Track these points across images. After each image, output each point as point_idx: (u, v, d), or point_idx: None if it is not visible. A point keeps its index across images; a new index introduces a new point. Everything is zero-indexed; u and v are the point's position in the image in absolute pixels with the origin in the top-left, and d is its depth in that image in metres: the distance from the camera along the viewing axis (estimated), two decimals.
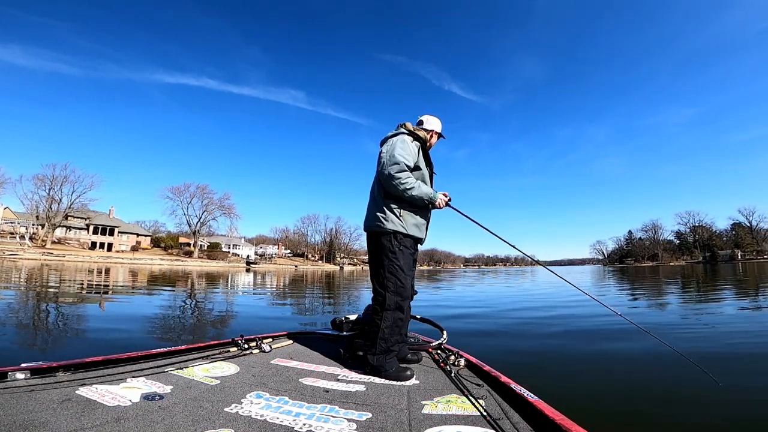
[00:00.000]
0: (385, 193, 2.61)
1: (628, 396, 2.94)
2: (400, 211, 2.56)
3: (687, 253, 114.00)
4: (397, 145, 2.58)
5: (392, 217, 2.54)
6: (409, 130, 2.76)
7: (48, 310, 7.07)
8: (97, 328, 5.36)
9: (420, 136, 2.75)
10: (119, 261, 53.84)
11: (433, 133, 2.92)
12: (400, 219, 2.55)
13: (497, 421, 1.60)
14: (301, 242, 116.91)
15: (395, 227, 2.53)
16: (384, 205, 2.58)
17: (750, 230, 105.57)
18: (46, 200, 63.83)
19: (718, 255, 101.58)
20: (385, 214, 2.55)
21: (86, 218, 72.08)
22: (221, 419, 1.56)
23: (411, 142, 2.66)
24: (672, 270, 38.71)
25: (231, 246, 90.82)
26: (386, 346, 2.37)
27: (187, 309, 8.28)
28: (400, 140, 2.62)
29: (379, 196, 2.64)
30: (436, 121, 2.97)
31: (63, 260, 46.86)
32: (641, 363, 3.79)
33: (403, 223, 2.55)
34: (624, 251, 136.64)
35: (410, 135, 2.71)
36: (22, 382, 1.85)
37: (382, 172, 2.55)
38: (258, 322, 6.83)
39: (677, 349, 2.54)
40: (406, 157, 2.54)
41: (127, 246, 74.98)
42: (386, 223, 2.54)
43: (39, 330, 5.12)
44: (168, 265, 53.51)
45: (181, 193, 77.69)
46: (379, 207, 2.61)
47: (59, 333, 4.94)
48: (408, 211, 2.59)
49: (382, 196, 2.62)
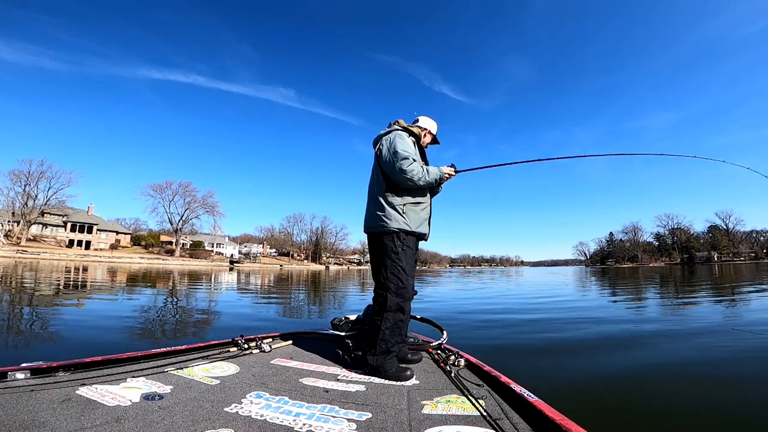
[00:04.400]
0: (386, 190, 2.59)
1: (628, 396, 2.95)
2: (403, 208, 2.53)
3: (666, 255, 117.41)
4: (397, 141, 2.58)
5: (395, 215, 2.52)
6: (402, 126, 2.76)
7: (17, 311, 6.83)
8: (61, 332, 5.01)
9: (414, 132, 2.76)
10: (97, 259, 52.39)
11: (426, 132, 2.91)
12: (404, 216, 2.52)
13: (497, 421, 1.62)
14: (287, 241, 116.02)
15: (399, 225, 2.50)
16: (386, 203, 2.56)
17: (726, 233, 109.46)
18: (22, 197, 61.86)
19: (695, 257, 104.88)
20: (387, 213, 2.53)
21: (64, 215, 69.94)
22: (221, 419, 1.56)
23: (407, 138, 2.67)
24: (651, 271, 39.74)
25: (214, 245, 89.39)
26: (386, 347, 2.37)
27: (163, 310, 8.10)
28: (398, 136, 2.63)
29: (380, 195, 2.61)
30: (431, 122, 2.98)
31: (38, 258, 45.43)
32: (641, 363, 3.82)
33: (407, 220, 2.53)
34: (605, 252, 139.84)
35: (404, 131, 2.72)
36: (22, 382, 1.85)
37: (392, 169, 2.52)
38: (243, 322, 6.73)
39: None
40: (410, 151, 2.56)
41: (106, 244, 73.06)
42: (390, 222, 2.51)
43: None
44: (147, 263, 52.32)
45: (163, 190, 76.21)
46: (380, 206, 2.57)
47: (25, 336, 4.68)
48: (412, 207, 2.58)
49: (384, 194, 2.59)
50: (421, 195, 2.65)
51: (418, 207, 2.61)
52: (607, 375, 3.50)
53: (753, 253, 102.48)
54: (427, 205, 2.71)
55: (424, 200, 2.67)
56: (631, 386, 3.17)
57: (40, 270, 21.76)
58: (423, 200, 2.66)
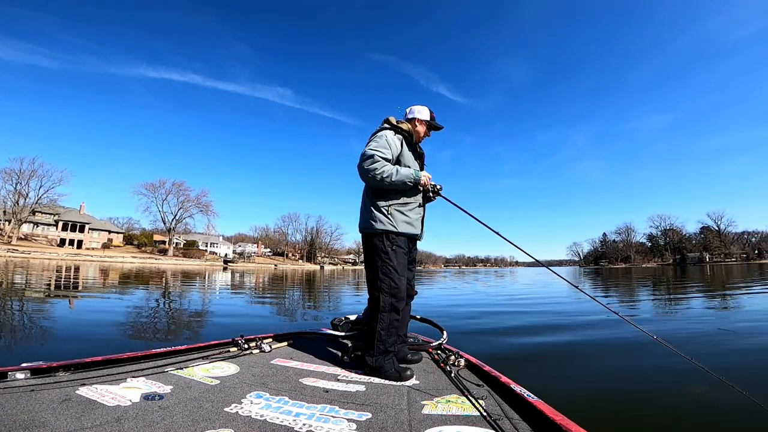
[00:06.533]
0: (371, 193, 2.58)
1: (628, 397, 2.97)
2: (388, 209, 2.52)
3: (658, 256, 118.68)
4: (372, 141, 2.57)
5: (381, 217, 2.50)
6: (391, 123, 2.71)
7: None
8: (58, 332, 4.94)
9: (403, 129, 2.69)
10: (88, 258, 51.88)
11: (417, 121, 2.80)
12: (389, 217, 2.50)
13: (497, 421, 1.62)
14: (282, 241, 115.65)
15: (385, 227, 2.49)
16: (371, 205, 2.55)
17: (718, 234, 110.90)
18: (13, 195, 61.08)
19: (687, 257, 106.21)
20: (373, 215, 2.52)
21: (55, 214, 69.15)
22: (221, 419, 1.55)
23: (392, 136, 2.59)
24: (644, 271, 40.07)
25: (208, 244, 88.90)
26: (384, 347, 2.36)
27: (156, 310, 8.05)
28: (377, 136, 2.60)
29: (367, 196, 2.61)
30: (421, 109, 2.83)
31: (28, 257, 44.87)
32: (641, 364, 3.85)
33: (392, 221, 2.50)
34: (599, 253, 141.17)
35: (392, 129, 2.66)
36: (22, 382, 1.84)
37: (358, 169, 2.52)
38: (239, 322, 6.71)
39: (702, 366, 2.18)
40: (380, 150, 2.49)
41: (98, 243, 72.26)
42: (376, 223, 2.50)
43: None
44: (140, 263, 51.87)
45: (156, 189, 75.82)
46: (367, 208, 2.58)
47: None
48: (397, 208, 2.55)
49: (369, 196, 2.59)
50: (408, 196, 2.61)
51: (405, 208, 2.58)
52: (607, 375, 3.53)
53: (744, 254, 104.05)
54: (417, 206, 2.66)
55: (412, 201, 2.63)
56: (631, 386, 3.19)
57: (30, 269, 21.51)
58: (411, 201, 2.62)
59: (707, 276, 23.49)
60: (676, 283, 17.74)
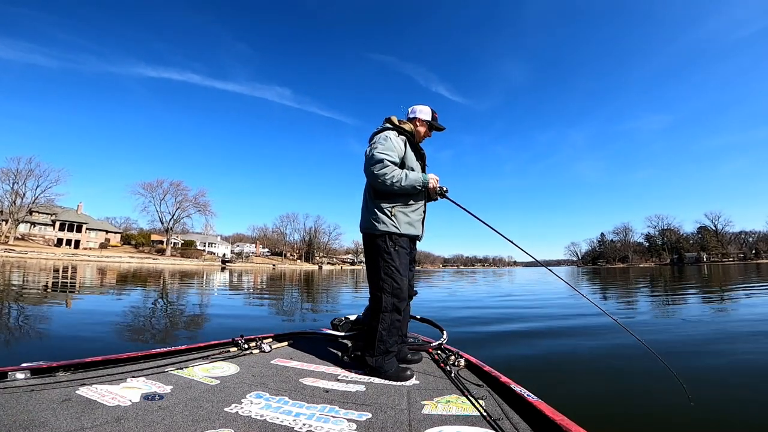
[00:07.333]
0: (374, 194, 2.57)
1: (628, 397, 2.97)
2: (391, 211, 2.51)
3: (656, 255, 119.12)
4: (378, 143, 2.53)
5: (384, 218, 2.50)
6: (393, 124, 2.69)
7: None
8: (56, 332, 4.91)
9: (405, 129, 2.68)
10: (85, 258, 51.75)
11: (418, 121, 2.78)
12: (392, 219, 2.50)
13: (497, 421, 1.62)
14: (280, 241, 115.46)
15: (388, 228, 2.48)
16: (374, 206, 2.54)
17: (715, 234, 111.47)
18: (10, 195, 60.88)
19: (684, 257, 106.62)
20: (376, 216, 2.52)
21: (52, 214, 68.91)
22: (221, 419, 1.55)
23: (395, 138, 2.58)
24: (642, 271, 40.15)
25: (206, 244, 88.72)
26: (384, 347, 2.36)
27: (154, 310, 8.03)
28: (382, 137, 2.57)
29: (369, 197, 2.60)
30: (423, 109, 2.81)
31: (25, 257, 44.72)
32: (641, 364, 3.85)
33: (395, 222, 2.50)
34: (597, 253, 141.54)
35: (395, 129, 2.65)
36: (22, 382, 1.84)
37: (366, 172, 2.50)
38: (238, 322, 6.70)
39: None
40: (388, 153, 2.47)
41: (95, 243, 72.01)
42: (378, 224, 2.49)
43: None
44: (137, 263, 51.77)
45: (154, 189, 75.58)
46: (370, 209, 2.57)
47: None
48: (400, 209, 2.54)
49: (372, 197, 2.58)
50: (412, 198, 2.61)
51: (408, 209, 2.58)
52: (607, 375, 3.53)
53: (741, 254, 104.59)
54: (419, 207, 2.67)
55: (416, 203, 2.63)
56: (631, 386, 3.20)
57: (27, 269, 21.43)
58: (415, 203, 2.62)
59: (704, 275, 23.59)
60: (674, 282, 17.80)
